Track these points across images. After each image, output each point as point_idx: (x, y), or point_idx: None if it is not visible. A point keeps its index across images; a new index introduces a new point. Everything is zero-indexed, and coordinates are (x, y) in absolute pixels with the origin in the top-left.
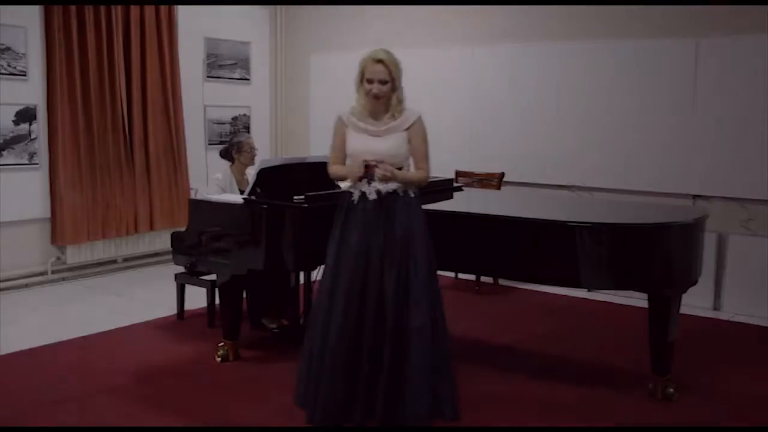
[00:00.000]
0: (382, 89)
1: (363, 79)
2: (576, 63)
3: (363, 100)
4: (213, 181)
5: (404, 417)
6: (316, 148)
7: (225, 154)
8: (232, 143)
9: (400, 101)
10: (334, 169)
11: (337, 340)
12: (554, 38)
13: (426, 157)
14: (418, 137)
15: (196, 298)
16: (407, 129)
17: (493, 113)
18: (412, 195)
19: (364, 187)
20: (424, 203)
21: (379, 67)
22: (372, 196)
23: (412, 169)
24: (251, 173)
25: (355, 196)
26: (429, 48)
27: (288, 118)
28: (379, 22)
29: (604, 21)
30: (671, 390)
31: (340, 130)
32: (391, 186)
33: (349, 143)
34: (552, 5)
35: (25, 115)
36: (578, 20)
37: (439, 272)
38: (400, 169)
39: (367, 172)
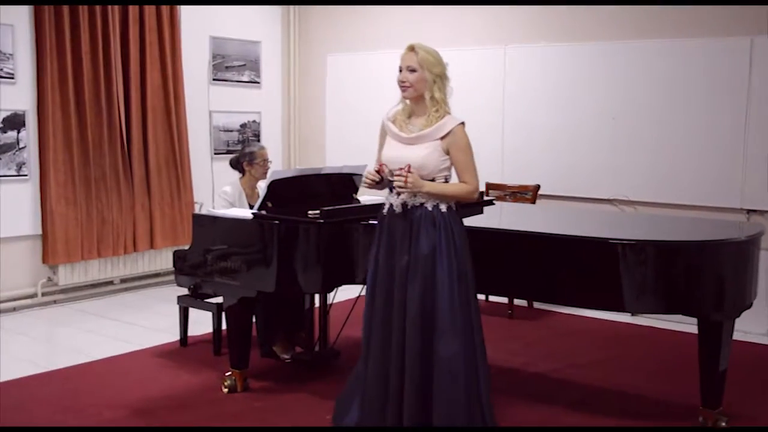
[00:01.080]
0: (408, 77)
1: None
2: (618, 64)
3: (403, 102)
4: (220, 195)
5: None
6: (333, 157)
7: (235, 165)
8: (244, 154)
9: (437, 102)
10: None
11: (375, 369)
12: (595, 37)
13: (470, 168)
14: (457, 148)
15: (201, 322)
16: (443, 138)
17: (527, 120)
18: (444, 209)
19: (392, 198)
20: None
21: (409, 54)
22: (398, 210)
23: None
24: (262, 186)
25: (385, 209)
26: (456, 48)
27: (302, 124)
28: (403, 20)
29: (649, 19)
30: (723, 423)
31: (381, 135)
32: (419, 199)
33: (382, 151)
34: (593, 5)
35: (13, 122)
36: (621, 18)
37: None
38: (432, 180)
39: (388, 179)
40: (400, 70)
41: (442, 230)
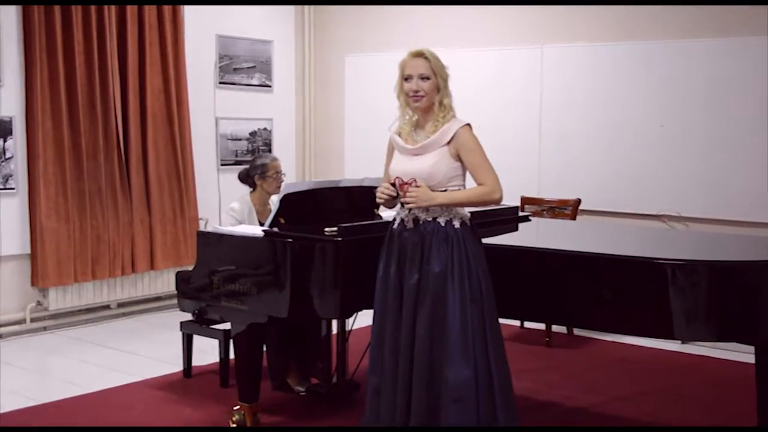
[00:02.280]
0: (422, 86)
1: (402, 80)
2: (666, 66)
3: (405, 108)
4: (227, 212)
5: None
6: (353, 168)
7: (245, 178)
8: (255, 166)
9: (445, 107)
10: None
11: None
12: (640, 36)
13: (484, 168)
14: (466, 150)
15: (207, 351)
16: (449, 143)
17: (566, 127)
18: (457, 225)
19: (403, 213)
20: (482, 237)
21: (419, 61)
22: (409, 225)
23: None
24: (275, 201)
25: (396, 223)
26: (486, 48)
27: (318, 132)
28: (428, 17)
29: (700, 16)
30: None
31: (389, 149)
32: (432, 213)
33: (390, 166)
34: (637, 5)
35: None
36: (668, 15)
37: (501, 321)
38: (444, 191)
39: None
40: (407, 79)
41: (455, 248)
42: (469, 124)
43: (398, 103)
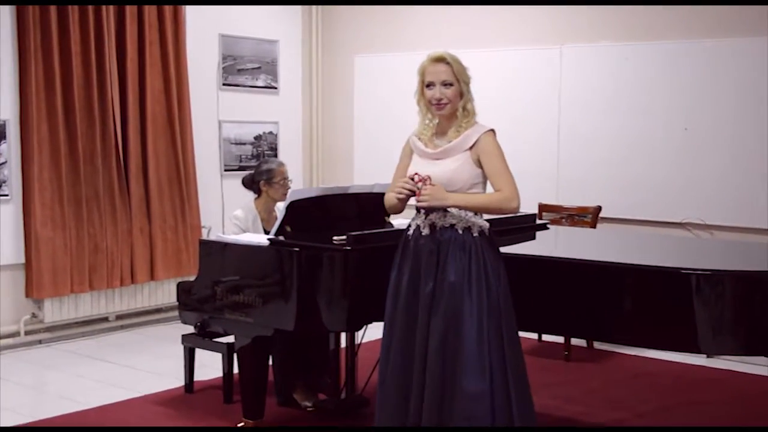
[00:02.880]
0: (446, 93)
1: (423, 86)
2: (691, 66)
3: (425, 115)
4: (231, 219)
5: None
6: (362, 174)
7: (250, 184)
8: (260, 171)
9: (468, 112)
10: (387, 198)
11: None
12: (664, 36)
13: (503, 174)
14: (487, 154)
15: (209, 366)
16: (471, 148)
17: (586, 131)
18: (475, 234)
19: (419, 219)
20: (499, 245)
21: (441, 66)
22: (425, 231)
23: None
24: (281, 208)
25: (411, 229)
26: (502, 48)
27: (326, 136)
28: (442, 16)
29: (727, 15)
30: None
31: (406, 152)
32: (449, 220)
33: (408, 168)
34: (662, 4)
35: None
36: (694, 15)
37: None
38: None
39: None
40: (429, 86)
41: (473, 257)
42: (493, 130)
43: (418, 108)
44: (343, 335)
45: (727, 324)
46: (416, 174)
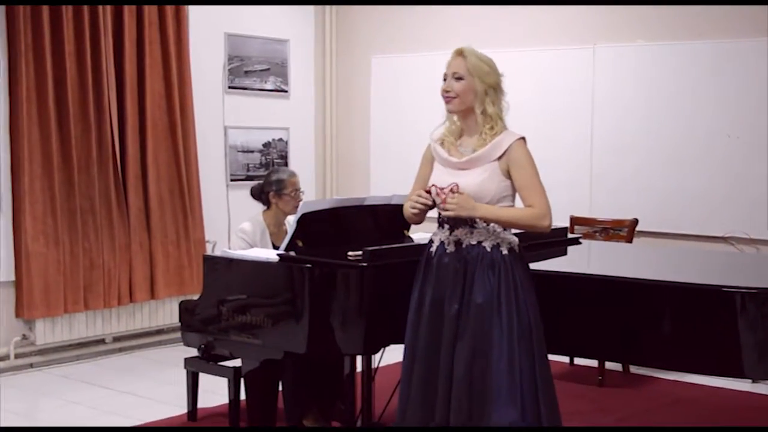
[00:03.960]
0: (454, 86)
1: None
2: (735, 68)
3: (449, 119)
4: (237, 234)
5: None
6: (380, 184)
7: (258, 195)
8: (270, 182)
9: (490, 117)
10: (405, 208)
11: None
12: (705, 35)
13: (536, 188)
14: (517, 166)
15: (214, 391)
16: (500, 158)
17: (621, 137)
18: (505, 251)
19: (443, 234)
20: (528, 261)
21: (456, 60)
22: (450, 248)
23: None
24: (291, 221)
25: (434, 246)
26: (530, 48)
27: (341, 143)
28: (465, 14)
29: None
30: None
31: (427, 159)
32: (477, 236)
33: (430, 179)
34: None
35: None
36: (737, 12)
37: (549, 357)
38: None
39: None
40: (444, 79)
41: (502, 276)
42: (524, 138)
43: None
44: (358, 358)
45: None
46: (433, 186)
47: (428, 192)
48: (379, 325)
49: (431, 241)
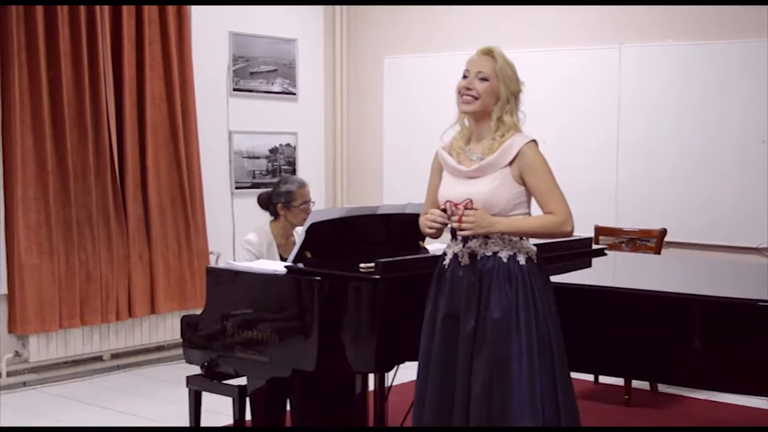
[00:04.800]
0: (477, 85)
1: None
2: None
3: (461, 119)
4: (243, 245)
5: None
6: (393, 192)
7: (266, 204)
8: (278, 192)
9: (505, 125)
10: (421, 222)
11: None
12: (738, 34)
13: (553, 193)
14: (531, 171)
15: (218, 411)
16: (510, 163)
17: (649, 142)
18: (522, 262)
19: (456, 246)
20: (549, 274)
21: (483, 58)
22: (464, 260)
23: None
24: (299, 232)
25: (447, 258)
26: (550, 49)
27: (352, 148)
28: (484, 13)
29: None
30: None
31: (436, 167)
32: (491, 247)
33: (439, 189)
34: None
35: None
36: None
37: (572, 375)
38: None
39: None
40: (464, 76)
41: (520, 289)
42: (534, 141)
43: (457, 112)
44: (371, 377)
45: None
46: (448, 202)
47: (444, 210)
48: (393, 342)
49: (444, 254)
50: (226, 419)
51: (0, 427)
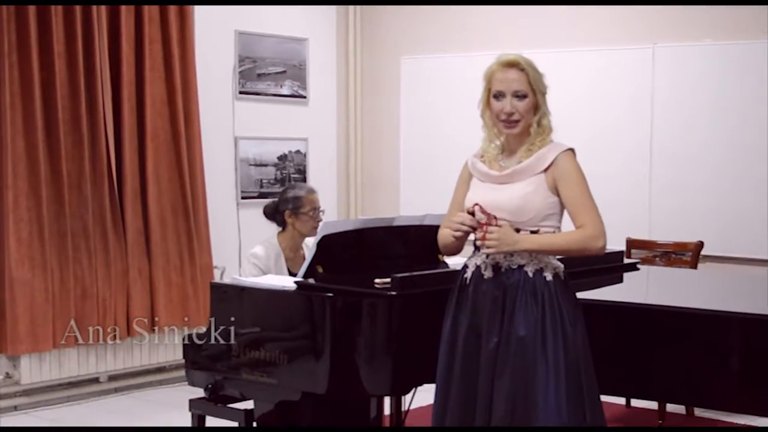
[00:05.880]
0: (518, 107)
1: (490, 96)
2: None
3: (491, 131)
4: (249, 258)
5: None
6: (410, 202)
7: (272, 215)
8: (285, 199)
9: (544, 129)
10: (441, 235)
11: None
12: None
13: (587, 206)
14: (567, 180)
15: None
16: (546, 170)
17: (685, 149)
18: (549, 278)
19: (479, 258)
20: (577, 290)
21: (513, 73)
22: (487, 273)
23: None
24: (310, 245)
25: (469, 271)
26: (577, 49)
27: (367, 156)
28: (507, 10)
29: None
30: None
31: (464, 178)
32: (517, 259)
33: (468, 195)
34: None
35: None
36: None
37: (602, 398)
38: (535, 233)
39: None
40: (498, 97)
41: (547, 305)
42: (572, 149)
43: (482, 123)
44: (387, 400)
45: None
46: (476, 205)
47: (471, 213)
48: (410, 362)
49: (465, 266)
50: None
51: (0, 427)
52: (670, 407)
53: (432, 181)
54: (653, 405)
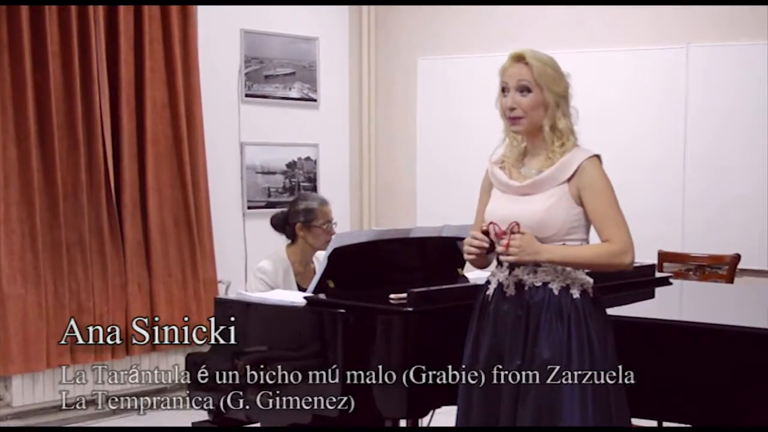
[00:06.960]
0: (520, 102)
1: (500, 94)
2: None
3: (508, 131)
4: (256, 273)
5: None
6: (427, 212)
7: (281, 226)
8: (296, 211)
9: (560, 133)
10: (464, 250)
11: None
12: None
13: (614, 219)
14: (592, 190)
15: None
16: (569, 180)
17: (719, 157)
18: (576, 295)
19: (501, 274)
20: (606, 306)
21: (517, 67)
22: (510, 291)
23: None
24: (320, 258)
25: (491, 288)
26: (606, 49)
27: (381, 163)
28: (529, 8)
29: None
30: None
31: (485, 187)
32: (541, 276)
33: (488, 207)
34: None
35: None
36: None
37: (633, 421)
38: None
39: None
40: (504, 91)
41: (573, 325)
42: (598, 156)
43: (503, 125)
44: (402, 423)
45: None
46: (492, 224)
47: (485, 233)
48: (428, 383)
49: (488, 282)
50: None
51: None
52: None
53: (451, 189)
54: (687, 428)
